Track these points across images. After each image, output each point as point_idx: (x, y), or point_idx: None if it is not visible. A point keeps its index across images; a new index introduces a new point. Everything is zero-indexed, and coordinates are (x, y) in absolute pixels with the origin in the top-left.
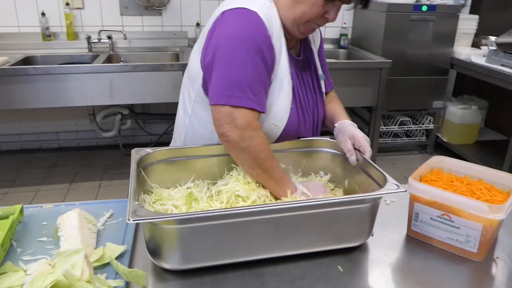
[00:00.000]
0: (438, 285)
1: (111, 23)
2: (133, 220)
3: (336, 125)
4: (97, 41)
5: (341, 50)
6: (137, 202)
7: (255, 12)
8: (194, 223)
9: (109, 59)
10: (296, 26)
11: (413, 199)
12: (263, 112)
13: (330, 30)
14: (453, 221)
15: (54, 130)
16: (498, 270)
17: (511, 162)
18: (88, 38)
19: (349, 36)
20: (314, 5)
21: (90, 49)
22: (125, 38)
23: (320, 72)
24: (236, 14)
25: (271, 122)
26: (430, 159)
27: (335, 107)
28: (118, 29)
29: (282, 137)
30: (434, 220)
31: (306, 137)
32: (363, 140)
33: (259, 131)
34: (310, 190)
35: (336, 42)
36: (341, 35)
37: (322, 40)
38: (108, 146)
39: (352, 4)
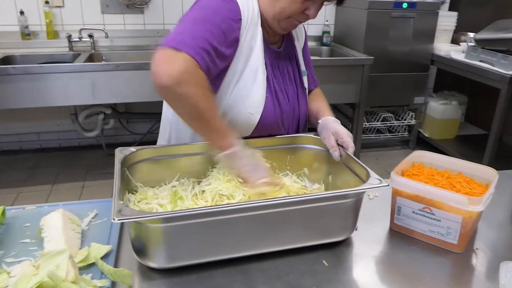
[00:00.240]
0: (420, 276)
1: (92, 21)
2: (118, 220)
3: (319, 121)
4: (78, 40)
5: (324, 47)
6: (122, 202)
7: None
8: (180, 221)
9: (90, 58)
10: (277, 22)
11: (396, 193)
12: (202, 65)
13: (312, 28)
14: (434, 214)
15: (35, 131)
16: (478, 261)
17: (491, 155)
18: (69, 37)
19: (332, 33)
20: (293, 1)
21: (71, 48)
22: (106, 36)
23: (303, 68)
24: None
25: (247, 110)
26: (412, 154)
27: (319, 104)
28: (99, 28)
29: (260, 127)
30: (416, 213)
31: (289, 131)
32: (346, 136)
33: (200, 76)
34: (252, 169)
35: (319, 39)
36: (324, 32)
37: (307, 38)
38: (91, 146)
39: (332, 1)
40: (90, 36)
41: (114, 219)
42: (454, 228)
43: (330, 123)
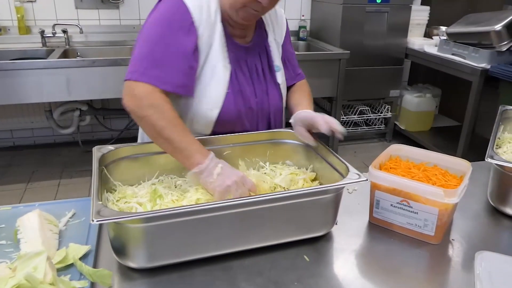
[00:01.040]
0: (399, 268)
1: (65, 16)
2: (97, 221)
3: (292, 116)
4: (51, 35)
5: (301, 42)
6: (100, 202)
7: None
8: (159, 221)
9: (65, 54)
10: (234, 12)
11: (374, 187)
12: (165, 89)
13: (289, 22)
14: (411, 207)
15: (8, 128)
16: (454, 251)
17: (464, 146)
18: (42, 32)
19: (308, 28)
20: None
21: (44, 44)
22: (81, 32)
23: (276, 63)
24: (163, 1)
25: (206, 106)
26: (389, 148)
27: (298, 97)
28: (73, 23)
29: (220, 123)
30: (394, 206)
31: (258, 127)
32: (324, 123)
33: (159, 100)
34: (225, 173)
35: (295, 34)
36: (300, 27)
37: (288, 32)
38: (67, 143)
39: None
40: (64, 31)
41: (93, 220)
42: (430, 220)
43: (300, 114)
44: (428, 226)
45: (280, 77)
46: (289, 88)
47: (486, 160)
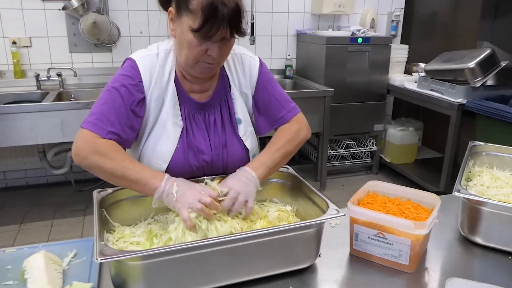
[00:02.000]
0: None
1: (60, 60)
2: (101, 260)
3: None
4: (46, 78)
5: (287, 80)
6: (103, 242)
7: (134, 60)
8: (157, 258)
9: (59, 97)
10: (190, 68)
11: (353, 221)
12: (105, 138)
13: (275, 62)
14: (387, 239)
15: (0, 170)
16: (429, 279)
17: (447, 177)
18: (37, 76)
19: (294, 66)
20: (191, 46)
21: (39, 87)
22: (75, 75)
23: (238, 115)
24: (123, 63)
25: (156, 161)
26: (366, 184)
27: (265, 148)
28: (67, 67)
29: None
30: (372, 238)
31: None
32: (228, 200)
33: (103, 145)
34: (184, 190)
35: (282, 72)
36: (286, 66)
37: (264, 79)
38: (59, 183)
39: (230, 39)
40: (59, 74)
41: (97, 259)
42: (404, 251)
43: (233, 175)
44: (403, 256)
45: (243, 129)
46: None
47: (453, 194)
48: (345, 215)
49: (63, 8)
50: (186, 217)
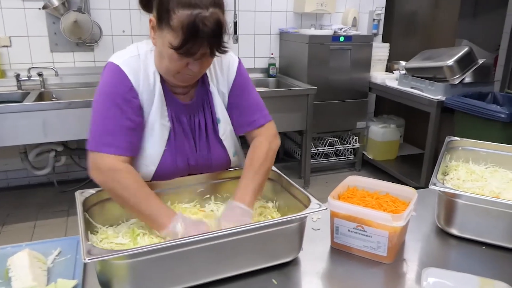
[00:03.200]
0: (357, 286)
1: (41, 60)
2: (89, 259)
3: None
4: (26, 78)
5: (270, 79)
6: (89, 242)
7: (118, 65)
8: (143, 256)
9: (40, 97)
10: (171, 77)
11: (333, 215)
12: (123, 155)
13: (258, 60)
14: (365, 231)
15: None
16: (407, 269)
17: (427, 172)
18: (17, 76)
19: (277, 65)
20: (171, 59)
21: (19, 87)
22: (56, 74)
23: (218, 115)
24: (106, 68)
25: (144, 163)
26: (346, 179)
27: (245, 172)
28: (48, 66)
29: (159, 178)
30: (351, 231)
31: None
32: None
33: (121, 173)
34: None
35: (265, 71)
36: (269, 64)
37: (240, 78)
38: (42, 184)
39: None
40: (40, 74)
41: (84, 259)
42: (382, 242)
43: (227, 212)
44: (381, 247)
45: (222, 128)
46: (248, 133)
47: (429, 187)
48: (327, 209)
49: (43, 7)
50: None
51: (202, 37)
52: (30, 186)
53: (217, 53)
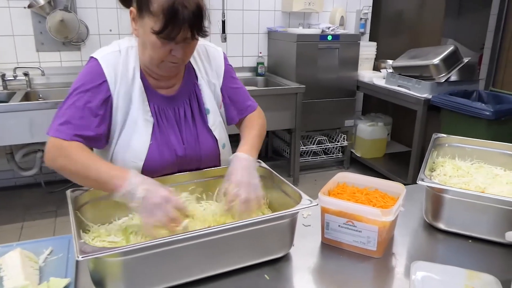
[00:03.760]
0: (348, 280)
1: (27, 59)
2: (82, 257)
3: (230, 158)
4: (12, 78)
5: (259, 78)
6: (82, 240)
7: (96, 59)
8: (136, 254)
9: (26, 97)
10: (155, 67)
11: (324, 211)
12: (76, 140)
13: (247, 59)
14: (355, 226)
15: None
16: (396, 263)
17: (414, 169)
18: (3, 75)
19: (266, 64)
20: (154, 47)
21: (5, 87)
22: (43, 74)
23: (207, 105)
24: (87, 63)
25: (131, 159)
26: (336, 176)
27: (243, 133)
28: (35, 66)
29: (148, 173)
30: (341, 227)
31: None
32: (233, 188)
33: (70, 148)
34: (149, 196)
35: (254, 70)
36: (258, 63)
37: (229, 70)
38: (29, 185)
39: (193, 40)
40: (26, 74)
41: (78, 257)
42: (372, 237)
43: (233, 164)
44: (371, 242)
45: (212, 119)
46: (241, 120)
47: (417, 182)
48: (318, 204)
49: (29, 6)
50: (150, 234)
51: (182, 20)
52: (17, 187)
53: (198, 37)
